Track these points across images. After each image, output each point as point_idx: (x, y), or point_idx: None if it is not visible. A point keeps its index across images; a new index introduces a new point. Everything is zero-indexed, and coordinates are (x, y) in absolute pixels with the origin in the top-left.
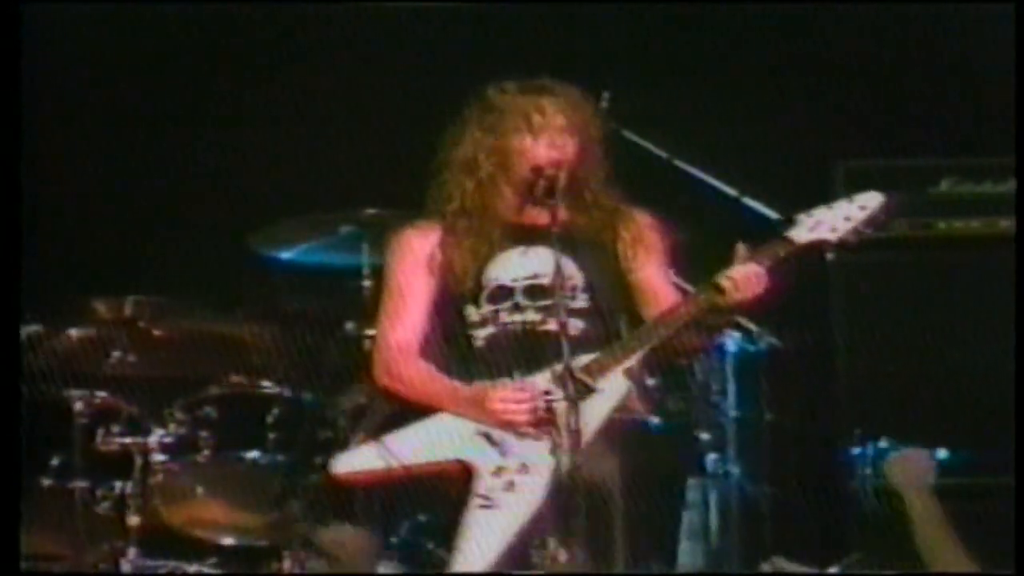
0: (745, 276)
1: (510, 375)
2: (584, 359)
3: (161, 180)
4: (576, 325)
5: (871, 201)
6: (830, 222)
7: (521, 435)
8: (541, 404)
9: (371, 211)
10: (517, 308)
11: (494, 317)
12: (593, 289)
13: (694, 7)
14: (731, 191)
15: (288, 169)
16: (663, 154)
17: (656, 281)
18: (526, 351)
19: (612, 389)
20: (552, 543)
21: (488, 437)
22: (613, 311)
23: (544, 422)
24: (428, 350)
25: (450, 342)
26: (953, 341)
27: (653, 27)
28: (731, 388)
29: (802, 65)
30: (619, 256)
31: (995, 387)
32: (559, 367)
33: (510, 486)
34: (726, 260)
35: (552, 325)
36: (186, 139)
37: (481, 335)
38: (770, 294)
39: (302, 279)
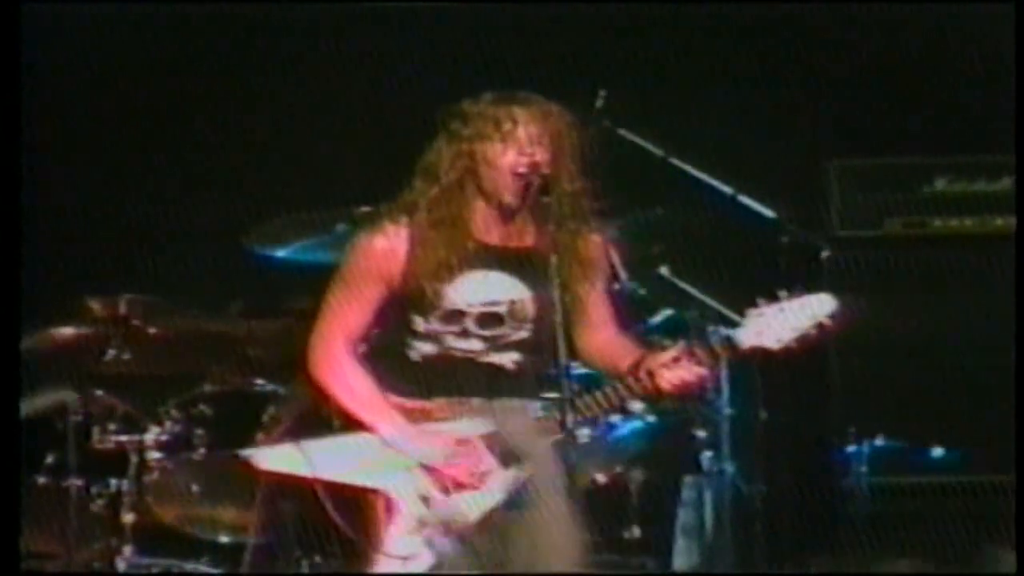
0: (680, 378)
1: (438, 396)
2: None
3: (156, 179)
4: (511, 358)
5: (821, 307)
6: (776, 330)
7: (447, 489)
8: (481, 469)
9: (365, 209)
10: (464, 334)
11: (439, 337)
12: (541, 320)
13: (689, 7)
14: (727, 189)
15: (282, 168)
16: (659, 152)
17: (592, 300)
18: (460, 381)
19: (538, 457)
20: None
21: (415, 481)
22: (554, 344)
23: (475, 486)
24: (364, 351)
25: (385, 348)
26: (947, 339)
27: (648, 26)
28: (726, 386)
29: (797, 63)
30: (566, 281)
31: (989, 385)
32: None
33: (429, 543)
34: (725, 260)
35: (492, 358)
36: (181, 138)
37: (419, 349)
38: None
39: (297, 277)
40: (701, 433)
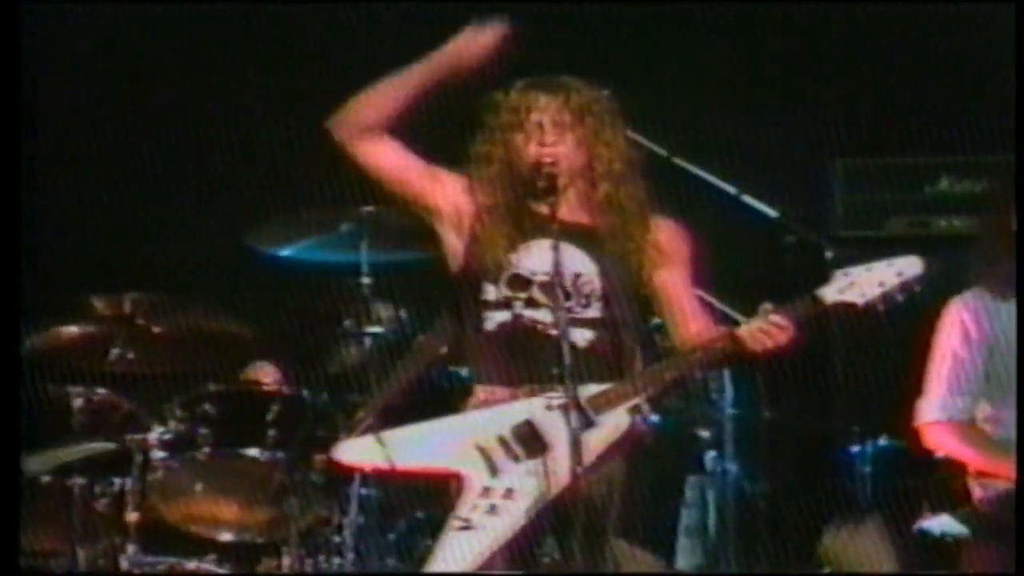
0: (767, 330)
1: (514, 367)
2: (592, 388)
3: (160, 178)
4: (584, 336)
5: (909, 268)
6: (862, 286)
7: (516, 457)
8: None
9: (370, 209)
10: (533, 303)
11: (509, 304)
12: (609, 299)
13: (693, 5)
14: (730, 189)
15: (287, 167)
16: (662, 152)
17: (677, 290)
18: (533, 352)
19: (612, 424)
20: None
21: (483, 452)
22: (628, 324)
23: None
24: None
25: (463, 318)
26: None
27: (652, 25)
28: (729, 386)
29: (801, 63)
30: (640, 264)
31: None
32: (562, 394)
33: (492, 510)
34: (729, 260)
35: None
36: (185, 137)
37: (494, 319)
38: (793, 345)
39: (301, 276)
40: (705, 433)
